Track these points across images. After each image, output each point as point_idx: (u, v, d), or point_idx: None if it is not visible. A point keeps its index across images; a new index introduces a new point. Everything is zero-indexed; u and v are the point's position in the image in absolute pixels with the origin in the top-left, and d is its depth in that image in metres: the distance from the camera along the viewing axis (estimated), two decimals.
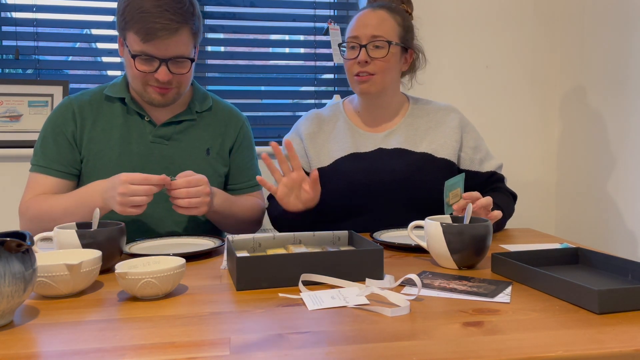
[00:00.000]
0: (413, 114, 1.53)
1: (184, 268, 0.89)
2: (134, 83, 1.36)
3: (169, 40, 1.27)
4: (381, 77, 1.43)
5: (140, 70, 1.30)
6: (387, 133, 1.50)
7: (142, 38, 1.26)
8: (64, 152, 1.38)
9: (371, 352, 0.65)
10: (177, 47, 1.29)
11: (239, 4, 2.27)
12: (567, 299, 0.83)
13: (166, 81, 1.31)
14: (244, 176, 1.54)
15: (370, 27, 1.42)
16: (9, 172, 1.93)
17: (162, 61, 1.29)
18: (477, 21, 2.21)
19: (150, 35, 1.25)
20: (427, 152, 1.46)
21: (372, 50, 1.41)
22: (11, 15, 2.13)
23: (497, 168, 1.53)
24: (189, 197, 1.22)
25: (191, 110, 1.46)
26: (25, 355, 0.65)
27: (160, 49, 1.28)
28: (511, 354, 0.64)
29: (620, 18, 1.92)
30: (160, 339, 0.70)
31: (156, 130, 1.41)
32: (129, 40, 1.30)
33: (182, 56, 1.31)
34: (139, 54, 1.29)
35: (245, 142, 1.54)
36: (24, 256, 0.75)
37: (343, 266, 0.95)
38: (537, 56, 2.26)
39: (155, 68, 1.30)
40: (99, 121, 1.40)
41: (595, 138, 2.06)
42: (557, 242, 1.29)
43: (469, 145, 1.51)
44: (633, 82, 1.86)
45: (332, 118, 1.56)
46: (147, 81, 1.33)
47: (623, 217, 1.93)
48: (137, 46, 1.28)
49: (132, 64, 1.30)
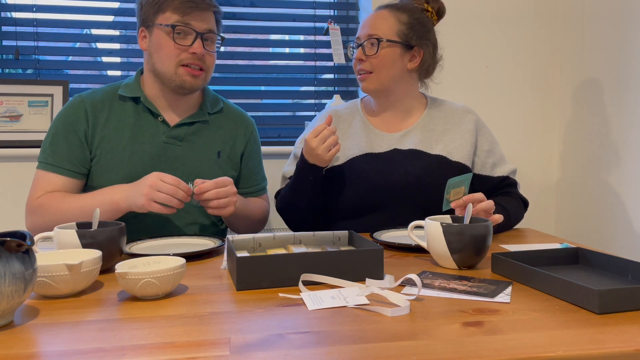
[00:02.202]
0: (430, 115, 1.52)
1: (184, 268, 0.89)
2: (166, 66, 1.37)
3: (206, 13, 1.37)
4: (377, 75, 1.44)
5: (178, 44, 1.34)
6: (402, 133, 1.49)
7: (182, 11, 1.33)
8: (75, 150, 1.38)
9: (371, 352, 0.65)
10: (211, 22, 1.39)
11: (239, 4, 2.27)
12: (567, 299, 0.83)
13: (201, 56, 1.36)
14: (254, 180, 1.58)
15: (367, 26, 1.45)
16: (9, 172, 1.93)
17: (198, 34, 1.35)
18: (477, 21, 2.21)
19: (190, 8, 1.33)
20: (442, 155, 1.44)
21: (368, 48, 1.43)
22: (11, 15, 2.13)
23: (510, 173, 1.51)
24: (219, 198, 1.26)
25: (203, 112, 1.47)
26: (25, 355, 0.65)
27: (197, 20, 1.35)
28: (511, 354, 0.64)
29: (620, 18, 1.92)
30: (160, 339, 0.70)
31: (170, 130, 1.42)
32: (163, 20, 1.35)
33: (214, 31, 1.40)
34: (178, 25, 1.34)
35: (256, 147, 1.59)
36: (24, 256, 0.75)
37: (343, 266, 0.95)
38: (537, 56, 2.26)
39: (191, 42, 1.35)
40: (111, 120, 1.40)
41: (595, 138, 2.06)
42: (557, 242, 1.29)
43: (482, 148, 1.50)
44: (633, 82, 1.86)
45: (348, 116, 1.56)
46: (181, 60, 1.36)
47: (623, 217, 1.93)
48: (175, 19, 1.34)
49: (169, 39, 1.35)
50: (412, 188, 1.41)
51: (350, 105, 1.60)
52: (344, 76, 2.39)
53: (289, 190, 1.47)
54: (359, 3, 2.33)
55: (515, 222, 1.47)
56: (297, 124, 2.35)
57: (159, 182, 1.20)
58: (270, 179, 1.69)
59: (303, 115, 2.40)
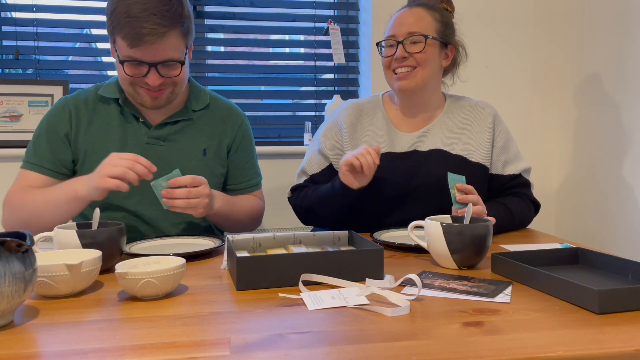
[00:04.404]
0: (449, 112, 1.51)
1: (184, 268, 0.89)
2: (124, 86, 1.33)
3: (157, 45, 1.23)
4: (421, 70, 1.42)
5: (129, 75, 1.28)
6: (422, 132, 1.47)
7: (129, 43, 1.22)
8: (56, 151, 1.37)
9: (371, 352, 0.65)
10: (166, 51, 1.26)
11: (239, 4, 2.27)
12: (567, 299, 0.83)
13: (157, 85, 1.28)
14: (244, 176, 1.52)
15: (406, 24, 1.41)
16: (9, 172, 1.93)
17: (151, 65, 1.26)
18: (477, 21, 2.21)
19: (137, 41, 1.22)
20: (462, 155, 1.44)
21: (409, 45, 1.40)
22: (11, 15, 2.13)
23: (523, 171, 1.49)
24: (189, 197, 1.21)
25: (187, 110, 1.43)
26: (25, 355, 0.65)
27: (148, 54, 1.24)
28: (511, 354, 0.64)
29: (620, 18, 1.92)
30: (160, 339, 0.70)
31: (151, 131, 1.39)
32: (117, 45, 1.27)
33: (171, 60, 1.28)
34: (127, 59, 1.26)
35: (245, 141, 1.52)
36: (24, 256, 0.75)
37: (343, 266, 0.95)
38: (537, 56, 2.26)
39: (145, 72, 1.27)
40: (94, 122, 1.39)
41: (595, 138, 2.06)
42: (557, 242, 1.29)
43: (497, 145, 1.48)
44: (633, 82, 1.86)
45: (370, 110, 1.53)
46: (138, 84, 1.31)
47: (623, 217, 1.93)
48: (125, 51, 1.25)
49: (122, 68, 1.28)
50: (434, 189, 1.39)
51: (372, 100, 1.57)
52: (344, 76, 2.39)
53: (316, 200, 1.43)
54: (359, 3, 2.33)
55: (521, 225, 1.46)
56: (297, 124, 2.35)
57: (114, 159, 1.17)
58: (271, 179, 1.68)
59: (303, 115, 2.40)
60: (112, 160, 1.18)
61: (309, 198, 1.45)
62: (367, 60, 2.28)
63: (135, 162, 1.16)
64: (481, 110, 1.50)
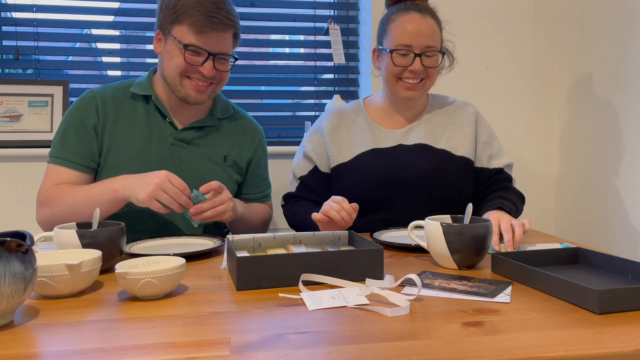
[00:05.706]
0: (432, 110, 1.56)
1: (184, 268, 0.89)
2: (172, 76, 1.36)
3: (222, 35, 1.33)
4: (430, 83, 1.48)
5: (188, 62, 1.33)
6: (407, 129, 1.52)
7: (198, 29, 1.30)
8: (85, 145, 1.38)
9: (371, 352, 0.65)
10: (226, 44, 1.35)
11: (239, 4, 2.27)
12: (567, 299, 0.83)
13: (210, 76, 1.35)
14: (259, 187, 1.60)
15: (425, 37, 1.42)
16: (9, 172, 1.93)
17: (210, 55, 1.33)
18: (477, 21, 2.21)
19: (207, 28, 1.30)
20: (446, 149, 1.48)
21: (425, 59, 1.43)
22: (11, 15, 2.13)
23: (506, 167, 1.53)
24: (214, 206, 1.25)
25: (213, 117, 1.48)
26: (25, 355, 0.65)
27: (211, 42, 1.32)
28: (511, 354, 0.64)
29: (620, 18, 1.92)
30: (160, 339, 0.70)
31: (177, 133, 1.42)
32: (178, 32, 1.32)
33: (228, 53, 1.37)
34: (190, 45, 1.31)
35: (263, 156, 1.60)
36: (24, 256, 0.75)
37: (343, 266, 0.95)
38: (536, 56, 2.26)
39: (201, 62, 1.33)
40: (120, 118, 1.40)
41: (595, 137, 2.06)
42: (557, 242, 1.29)
43: (481, 140, 1.53)
44: (633, 82, 1.86)
45: (352, 114, 1.58)
46: (189, 73, 1.35)
47: (623, 217, 1.93)
48: (188, 38, 1.31)
49: (181, 55, 1.32)
50: (421, 182, 1.44)
51: (353, 105, 1.62)
52: (344, 76, 2.39)
53: (301, 223, 1.46)
54: (359, 3, 2.33)
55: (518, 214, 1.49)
56: (297, 124, 2.35)
57: (166, 183, 1.19)
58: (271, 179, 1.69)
59: (303, 115, 2.40)
60: (163, 182, 1.19)
61: (297, 217, 1.49)
62: (367, 60, 2.28)
63: (181, 194, 1.20)
64: (464, 109, 1.56)
